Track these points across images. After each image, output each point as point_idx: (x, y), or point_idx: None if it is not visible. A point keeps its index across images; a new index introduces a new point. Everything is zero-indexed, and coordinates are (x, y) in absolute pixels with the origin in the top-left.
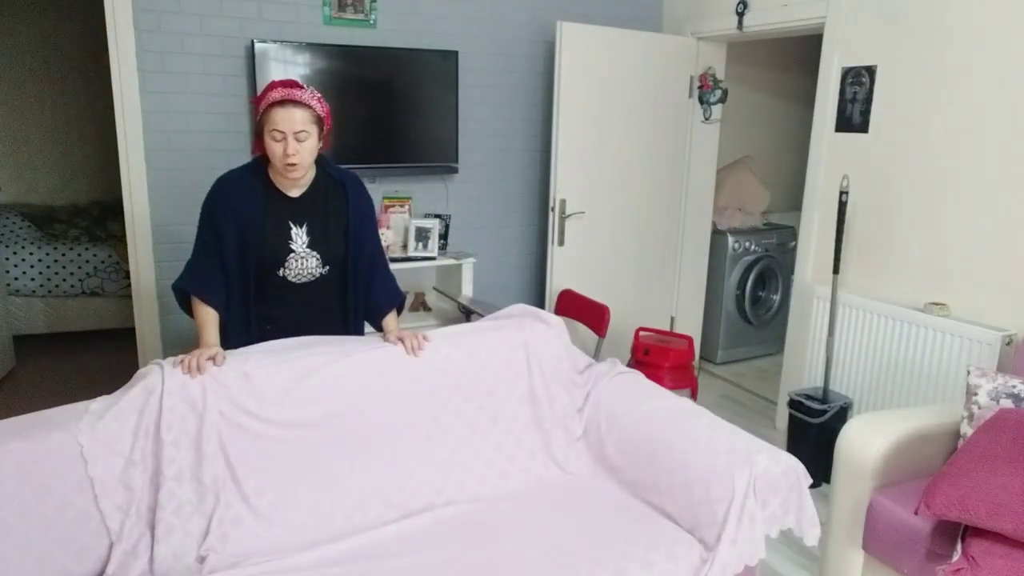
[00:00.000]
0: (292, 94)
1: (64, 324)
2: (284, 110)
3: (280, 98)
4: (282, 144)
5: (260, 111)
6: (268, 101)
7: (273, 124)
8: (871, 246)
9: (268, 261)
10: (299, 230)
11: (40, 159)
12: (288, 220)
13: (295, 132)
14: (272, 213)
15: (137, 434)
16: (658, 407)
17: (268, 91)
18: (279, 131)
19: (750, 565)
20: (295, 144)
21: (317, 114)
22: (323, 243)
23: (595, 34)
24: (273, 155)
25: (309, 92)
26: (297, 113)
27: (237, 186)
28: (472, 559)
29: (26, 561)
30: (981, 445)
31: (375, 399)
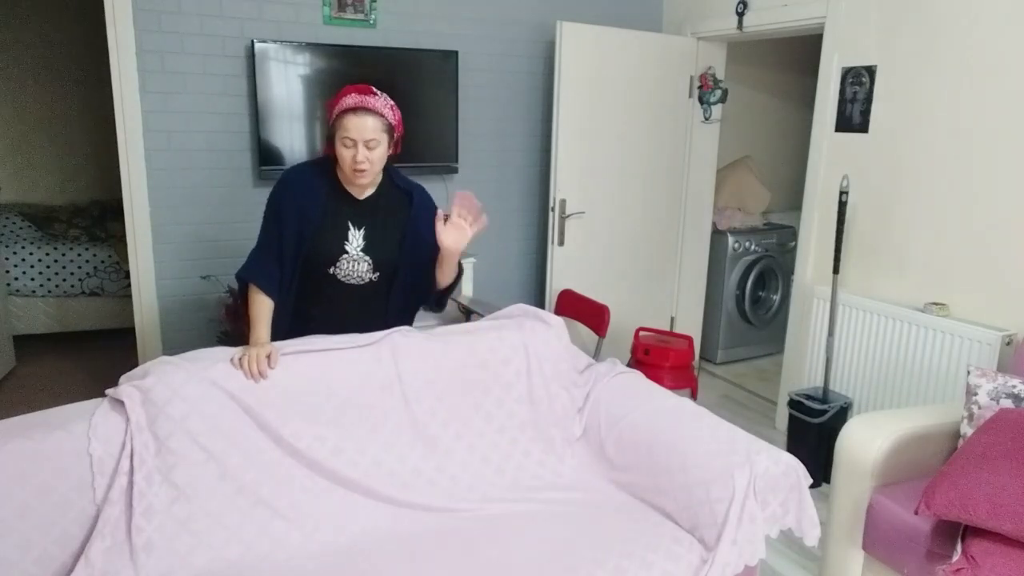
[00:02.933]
0: (365, 101)
1: (64, 324)
2: (356, 117)
3: (353, 105)
4: (352, 151)
5: (333, 115)
6: (341, 107)
7: (344, 131)
8: (871, 246)
9: (320, 258)
10: (356, 232)
11: (40, 159)
12: (348, 220)
13: (366, 140)
14: (333, 212)
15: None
16: (658, 407)
17: (342, 95)
18: (350, 138)
19: (750, 565)
20: (365, 152)
21: (389, 122)
22: (377, 249)
23: (595, 34)
24: (343, 160)
25: (383, 99)
26: (369, 121)
27: (303, 181)
28: (470, 559)
29: (26, 561)
30: (981, 445)
31: (373, 397)
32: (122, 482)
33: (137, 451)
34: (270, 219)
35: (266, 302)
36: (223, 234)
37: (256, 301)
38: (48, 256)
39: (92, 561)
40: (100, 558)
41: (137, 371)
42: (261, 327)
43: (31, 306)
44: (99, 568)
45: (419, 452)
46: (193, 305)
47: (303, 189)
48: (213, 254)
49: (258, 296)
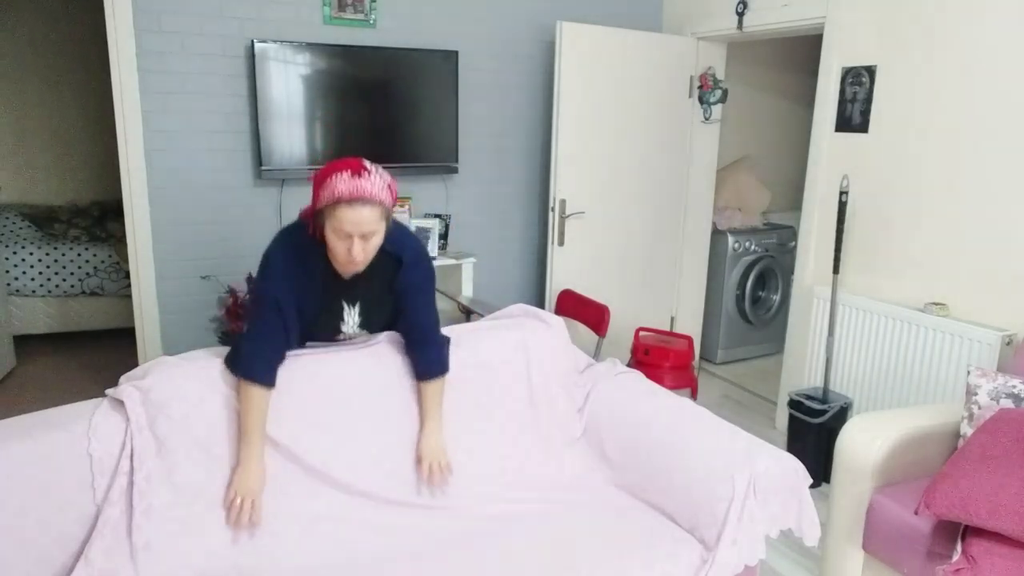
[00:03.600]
0: (361, 189)
1: (64, 324)
2: (352, 210)
3: (348, 196)
4: (347, 243)
5: (322, 199)
6: (334, 195)
7: (338, 223)
8: (871, 246)
9: (318, 337)
10: (351, 310)
11: (40, 159)
12: (341, 299)
13: (363, 233)
14: (327, 295)
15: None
16: (658, 407)
17: (331, 173)
18: (344, 231)
19: (750, 565)
20: (360, 244)
21: (385, 209)
22: (373, 324)
23: (595, 34)
24: (335, 251)
25: (377, 178)
26: (366, 212)
27: (294, 268)
28: (469, 559)
29: (26, 561)
30: (981, 445)
31: (372, 397)
32: (122, 482)
33: (137, 451)
34: (267, 311)
35: (265, 400)
36: (223, 234)
37: (255, 402)
38: (48, 256)
39: (92, 561)
40: (100, 558)
41: (137, 371)
42: (257, 441)
43: (31, 306)
44: (99, 568)
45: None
46: (193, 305)
47: (295, 278)
48: (213, 254)
49: (257, 393)
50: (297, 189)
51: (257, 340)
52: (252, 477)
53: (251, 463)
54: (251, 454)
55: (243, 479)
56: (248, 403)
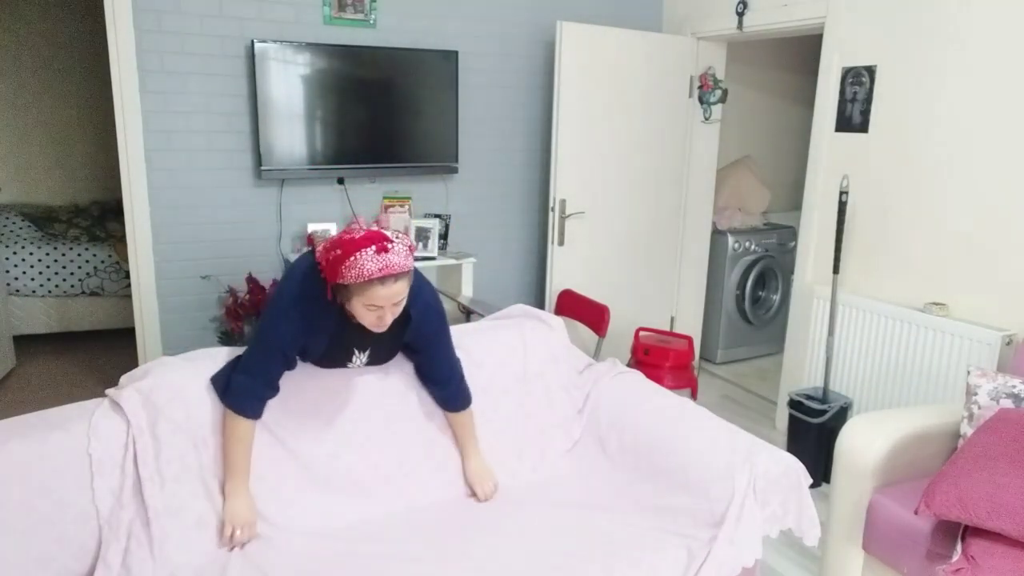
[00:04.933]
0: (392, 266)
1: (64, 324)
2: (385, 287)
3: (380, 273)
4: (377, 313)
5: (347, 277)
6: (364, 275)
7: (370, 300)
8: (871, 246)
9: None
10: (360, 354)
11: (40, 159)
12: (352, 347)
13: (394, 304)
14: (337, 341)
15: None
16: (658, 407)
17: (356, 249)
18: (377, 306)
19: (747, 566)
20: (391, 312)
21: (411, 275)
22: (381, 361)
23: (595, 34)
24: (361, 317)
25: (402, 248)
26: (399, 286)
27: (308, 319)
28: (468, 559)
29: (26, 561)
30: (981, 445)
31: (372, 399)
32: (129, 484)
33: (140, 453)
34: (271, 352)
35: (251, 431)
36: (223, 234)
37: (241, 434)
38: (48, 256)
39: (110, 565)
40: (118, 560)
41: (137, 371)
42: (243, 472)
43: (31, 306)
44: (117, 571)
45: (418, 454)
46: (193, 305)
47: (309, 324)
48: (213, 254)
49: (244, 426)
50: (297, 189)
51: (253, 376)
52: (242, 509)
53: (239, 496)
54: (238, 486)
55: (234, 512)
56: (234, 434)
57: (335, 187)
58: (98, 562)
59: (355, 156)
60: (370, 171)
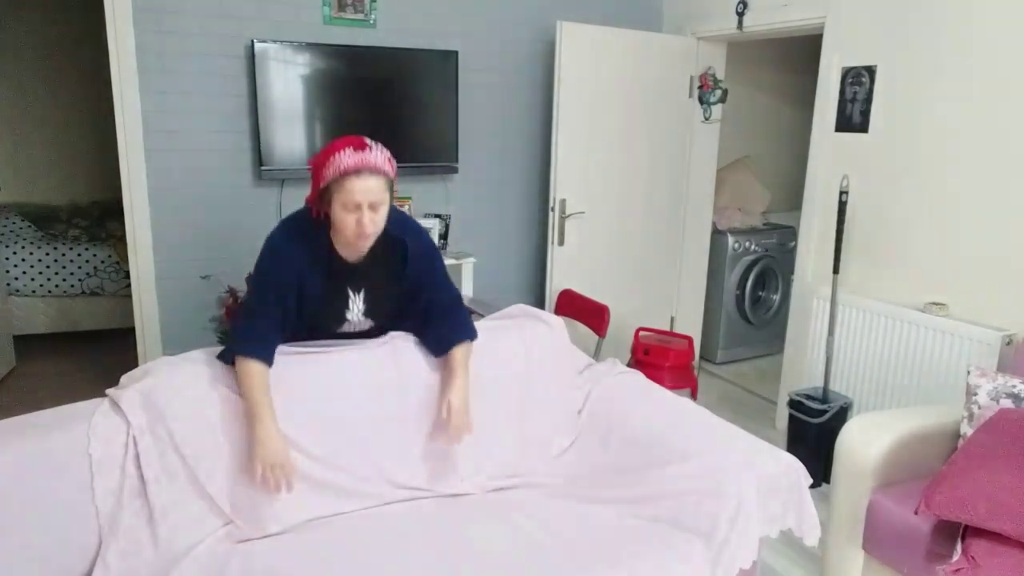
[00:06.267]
0: (366, 160)
1: (64, 324)
2: (360, 180)
3: (355, 166)
4: (355, 215)
5: (326, 175)
6: (340, 168)
7: (347, 194)
8: (871, 246)
9: (323, 328)
10: (356, 297)
11: (40, 159)
12: (347, 287)
13: (371, 203)
14: (331, 281)
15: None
16: (658, 407)
17: (334, 151)
18: (353, 202)
19: (744, 568)
20: (370, 215)
21: (389, 179)
22: (378, 311)
23: (595, 34)
24: (343, 226)
25: (379, 152)
26: (372, 182)
27: (297, 254)
28: (466, 559)
29: (26, 561)
30: (981, 445)
31: (373, 399)
32: (130, 484)
33: (142, 454)
34: (267, 291)
35: (265, 375)
36: (223, 234)
37: (256, 378)
38: (48, 256)
39: (109, 565)
40: (117, 560)
41: (137, 371)
42: (267, 414)
43: (31, 306)
44: (116, 570)
45: (418, 455)
46: (193, 305)
47: (299, 263)
48: (213, 254)
49: (256, 368)
50: (297, 189)
51: (251, 318)
52: (273, 447)
53: (269, 438)
54: (267, 428)
55: (265, 452)
56: (249, 379)
57: None
58: (97, 562)
59: None
60: None
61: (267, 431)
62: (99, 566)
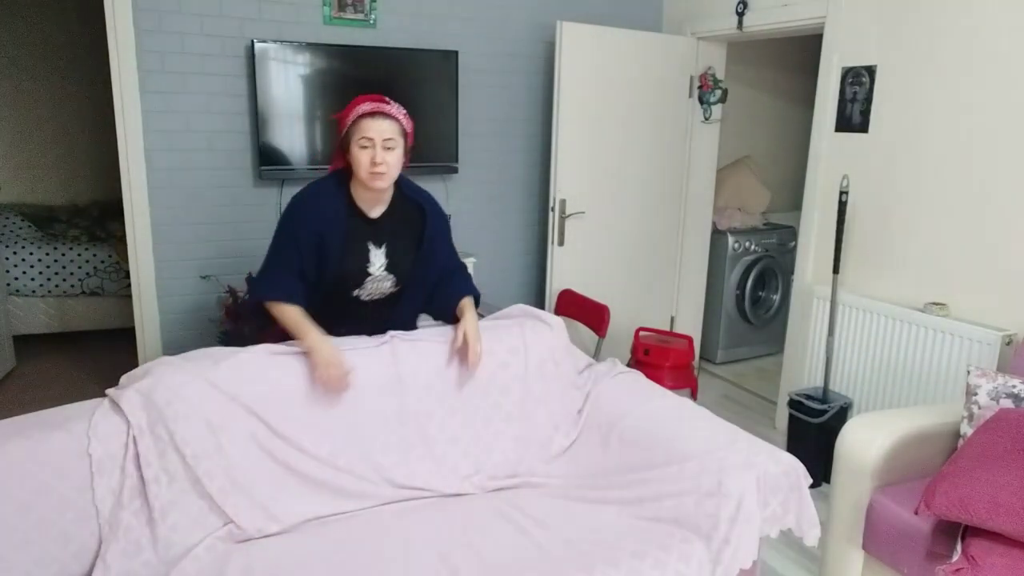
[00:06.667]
0: (381, 107)
1: (64, 324)
2: (374, 120)
3: (370, 110)
4: (370, 152)
5: (347, 122)
6: (357, 112)
7: (362, 132)
8: (871, 246)
9: (345, 282)
10: (377, 251)
11: (40, 159)
12: (367, 242)
13: (384, 140)
14: (352, 235)
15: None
16: (658, 407)
17: (355, 104)
18: (368, 138)
19: (744, 568)
20: (383, 153)
21: (403, 128)
22: (398, 266)
23: (595, 34)
24: (359, 165)
25: (397, 106)
26: (385, 124)
27: (319, 206)
28: (466, 559)
29: (26, 561)
30: (981, 445)
31: (373, 399)
32: (130, 484)
33: (142, 454)
34: (287, 245)
35: (297, 310)
36: (223, 234)
37: (287, 312)
38: (48, 256)
39: (109, 565)
40: (117, 560)
41: (137, 371)
42: (312, 332)
43: (31, 306)
44: (116, 570)
45: (417, 455)
46: (193, 305)
47: (320, 215)
48: (213, 254)
49: (286, 307)
50: (297, 189)
51: (271, 266)
52: (324, 350)
53: (320, 347)
54: (313, 339)
55: (318, 357)
56: (285, 315)
57: None
58: (97, 562)
59: None
60: None
61: (314, 341)
62: (99, 566)
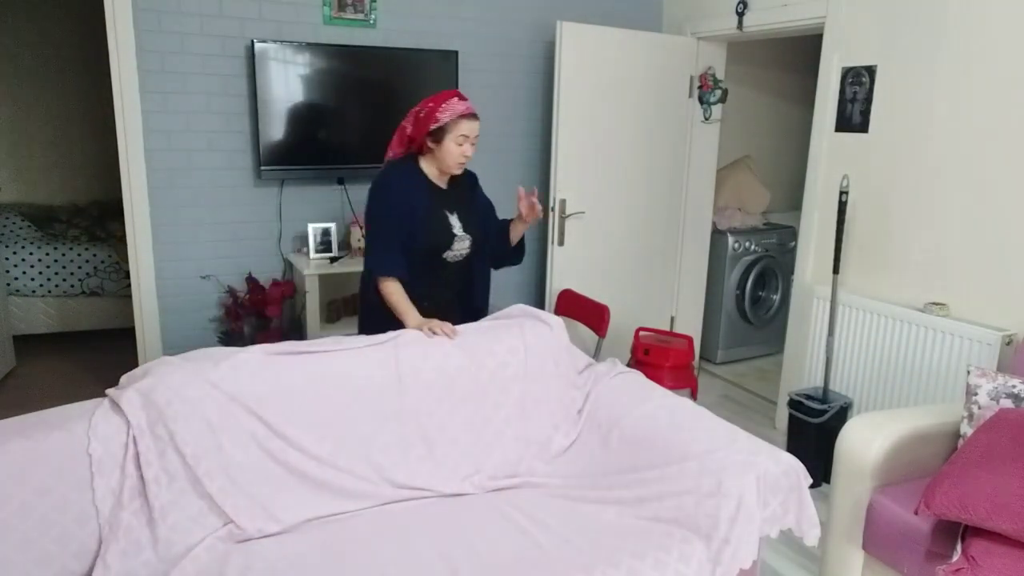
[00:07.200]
0: (471, 108)
1: (64, 324)
2: (471, 121)
3: (466, 111)
4: (463, 148)
5: (441, 119)
6: (458, 112)
7: (462, 131)
8: (871, 246)
9: (437, 245)
10: (453, 216)
11: (40, 159)
12: (444, 209)
13: (474, 138)
14: (435, 204)
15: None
16: (658, 407)
17: (447, 99)
18: (465, 136)
19: (744, 568)
20: (471, 148)
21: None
22: (471, 226)
23: (595, 34)
24: (451, 156)
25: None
26: (475, 124)
27: (405, 182)
28: (466, 559)
29: (26, 561)
30: (981, 445)
31: (373, 399)
32: (130, 484)
33: (142, 454)
34: (386, 215)
35: (400, 288)
36: (223, 234)
37: (397, 290)
38: (48, 256)
39: (109, 565)
40: (117, 560)
41: (137, 371)
42: (411, 310)
43: (31, 306)
44: (116, 571)
45: (417, 454)
46: (193, 305)
47: (408, 188)
48: (213, 254)
49: (396, 285)
50: (297, 189)
51: (380, 246)
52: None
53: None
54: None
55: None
56: (391, 294)
57: (335, 187)
58: (97, 562)
59: (355, 156)
60: (370, 171)
61: (414, 320)
62: (99, 566)
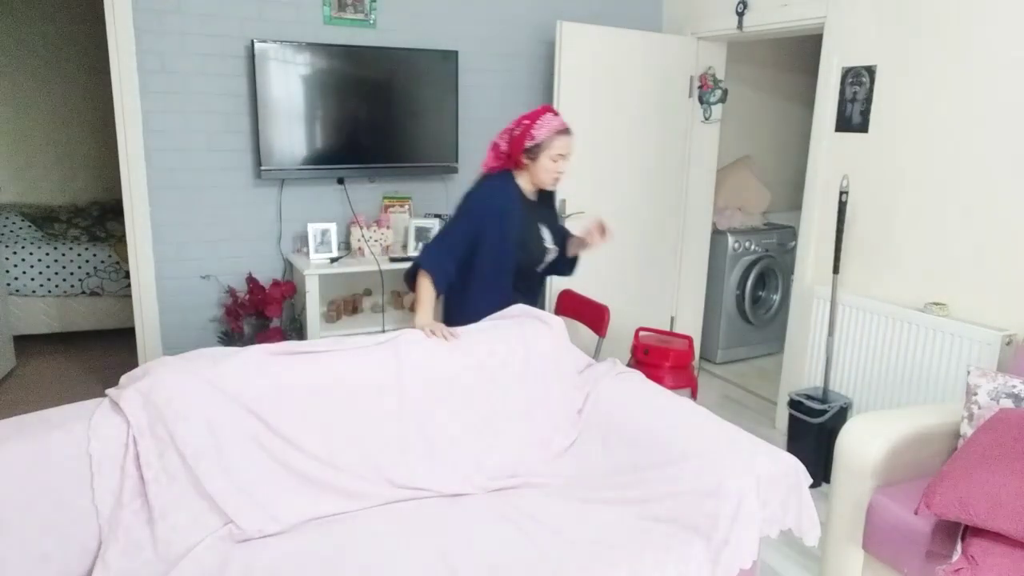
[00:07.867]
0: (566, 124)
1: (64, 324)
2: (567, 138)
3: (563, 128)
4: (559, 164)
5: (539, 135)
6: (554, 129)
7: (559, 149)
8: (871, 246)
9: (534, 258)
10: (544, 229)
11: (40, 159)
12: (536, 223)
13: (568, 154)
14: (529, 218)
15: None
16: (658, 407)
17: (541, 117)
18: (561, 154)
19: (744, 568)
20: (565, 164)
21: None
22: (557, 239)
23: (595, 34)
24: (547, 172)
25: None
26: (570, 140)
27: (505, 192)
28: (466, 559)
29: (26, 561)
30: (981, 445)
31: (373, 399)
32: (130, 484)
33: (142, 454)
34: (467, 224)
35: (432, 291)
36: (223, 234)
37: (427, 287)
38: (48, 256)
39: (109, 564)
40: (117, 560)
41: (137, 371)
42: (429, 309)
43: (31, 306)
44: (115, 570)
45: (417, 454)
46: (193, 305)
47: (505, 197)
48: (213, 254)
49: (429, 283)
50: (297, 189)
51: (442, 245)
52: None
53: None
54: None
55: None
56: (423, 293)
57: (335, 187)
58: (97, 562)
59: (355, 156)
60: (370, 171)
61: (422, 318)
62: (99, 566)
